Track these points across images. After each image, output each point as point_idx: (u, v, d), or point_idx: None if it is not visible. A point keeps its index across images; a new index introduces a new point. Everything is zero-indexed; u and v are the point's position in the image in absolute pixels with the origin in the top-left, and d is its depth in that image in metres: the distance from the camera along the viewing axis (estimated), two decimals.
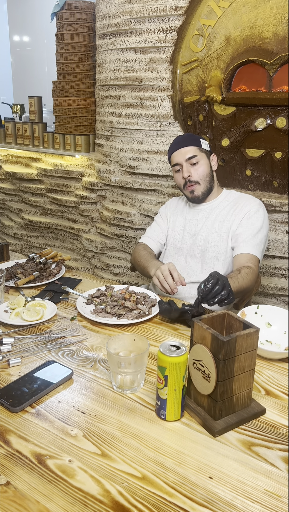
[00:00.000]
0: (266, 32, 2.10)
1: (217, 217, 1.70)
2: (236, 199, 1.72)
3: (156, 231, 1.86)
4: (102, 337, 1.22)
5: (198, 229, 1.73)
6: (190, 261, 1.71)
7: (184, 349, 0.88)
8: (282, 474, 0.78)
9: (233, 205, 1.70)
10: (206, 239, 1.69)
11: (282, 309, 1.26)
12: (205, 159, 1.70)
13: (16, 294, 1.49)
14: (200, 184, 1.69)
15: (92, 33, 3.12)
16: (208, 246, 1.67)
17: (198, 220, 1.74)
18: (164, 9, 2.36)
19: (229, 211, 1.69)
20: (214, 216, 1.71)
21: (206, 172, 1.69)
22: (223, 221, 1.68)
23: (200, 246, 1.69)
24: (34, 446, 0.82)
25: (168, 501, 0.71)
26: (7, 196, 3.86)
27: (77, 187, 3.30)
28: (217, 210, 1.72)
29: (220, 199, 1.75)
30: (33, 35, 6.08)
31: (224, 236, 1.66)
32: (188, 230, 1.76)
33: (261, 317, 1.26)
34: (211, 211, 1.74)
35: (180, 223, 1.79)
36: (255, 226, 1.62)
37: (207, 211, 1.75)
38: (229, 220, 1.67)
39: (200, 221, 1.74)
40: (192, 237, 1.73)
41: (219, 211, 1.71)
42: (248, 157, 2.29)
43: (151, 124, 2.60)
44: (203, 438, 0.86)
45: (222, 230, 1.67)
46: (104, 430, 0.87)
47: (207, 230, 1.70)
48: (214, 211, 1.73)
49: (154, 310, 1.36)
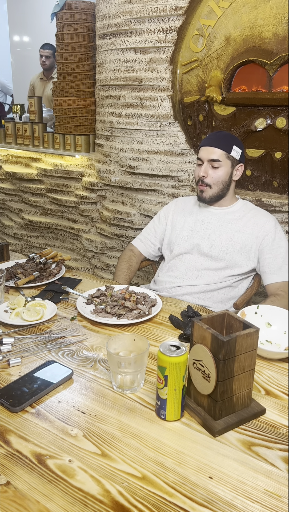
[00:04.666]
0: (266, 32, 2.10)
1: (232, 226, 1.66)
2: (254, 213, 1.69)
3: (149, 235, 1.85)
4: (102, 337, 1.22)
5: (208, 232, 1.69)
6: (199, 262, 1.68)
7: (184, 349, 0.88)
8: (282, 474, 0.78)
9: (251, 217, 1.67)
10: (220, 247, 1.65)
11: (282, 309, 1.26)
12: (228, 167, 1.64)
13: (16, 294, 1.49)
14: (211, 188, 1.65)
15: (92, 33, 3.12)
16: (221, 254, 1.64)
17: (210, 223, 1.70)
18: (164, 9, 2.36)
19: (246, 224, 1.66)
20: (228, 223, 1.67)
21: (223, 179, 1.64)
22: (238, 231, 1.65)
23: (213, 251, 1.66)
24: (34, 446, 0.82)
25: (168, 501, 0.71)
26: (7, 196, 3.86)
27: (77, 187, 3.30)
28: (232, 218, 1.68)
29: (235, 208, 1.71)
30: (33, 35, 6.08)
31: (237, 247, 1.63)
32: (198, 231, 1.71)
33: (261, 317, 1.26)
34: (224, 216, 1.70)
35: (189, 224, 1.74)
36: (283, 249, 1.62)
37: (220, 216, 1.70)
38: (245, 233, 1.64)
39: (211, 224, 1.70)
40: (201, 239, 1.69)
41: (235, 220, 1.67)
42: (248, 157, 2.29)
43: (151, 124, 2.60)
44: (203, 438, 0.86)
45: (237, 241, 1.64)
46: (104, 430, 0.87)
47: (220, 236, 1.66)
48: (228, 217, 1.69)
49: (154, 310, 1.36)
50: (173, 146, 2.57)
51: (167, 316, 1.35)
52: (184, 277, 1.69)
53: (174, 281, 1.69)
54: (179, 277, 1.69)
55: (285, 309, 1.25)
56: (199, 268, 1.68)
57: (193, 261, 1.69)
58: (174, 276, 1.71)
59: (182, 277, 1.69)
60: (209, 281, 1.65)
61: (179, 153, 2.56)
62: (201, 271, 1.67)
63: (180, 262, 1.72)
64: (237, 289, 1.69)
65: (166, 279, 1.73)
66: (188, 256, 1.71)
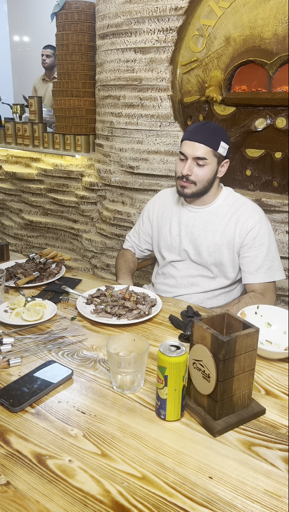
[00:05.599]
0: (266, 32, 2.10)
1: (216, 227, 1.59)
2: (237, 206, 1.60)
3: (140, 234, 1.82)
4: (102, 337, 1.22)
5: (194, 237, 1.62)
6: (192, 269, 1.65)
7: (184, 349, 0.88)
8: (282, 474, 0.78)
9: (233, 213, 1.58)
10: (208, 251, 1.60)
11: (282, 309, 1.26)
12: (214, 164, 1.55)
13: (16, 294, 1.49)
14: (196, 185, 1.56)
15: (92, 33, 3.12)
16: (210, 259, 1.60)
17: (194, 226, 1.63)
18: (164, 9, 2.36)
19: (229, 221, 1.58)
20: (212, 225, 1.60)
21: (208, 177, 1.55)
22: (223, 232, 1.58)
23: (202, 257, 1.61)
24: (34, 446, 0.82)
25: (168, 501, 0.71)
26: (7, 196, 3.86)
27: (77, 187, 3.30)
28: (216, 218, 1.60)
29: (219, 203, 1.62)
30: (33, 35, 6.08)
31: (225, 248, 1.58)
32: (184, 236, 1.65)
33: (261, 317, 1.26)
34: (207, 217, 1.62)
35: (175, 229, 1.67)
36: (265, 247, 1.55)
37: (204, 216, 1.63)
38: (229, 232, 1.57)
39: (196, 228, 1.63)
40: (189, 244, 1.64)
41: (219, 220, 1.60)
42: (248, 157, 2.29)
43: (151, 124, 2.60)
44: (203, 438, 0.86)
45: (222, 243, 1.58)
46: (104, 430, 0.87)
47: (206, 240, 1.60)
48: (211, 218, 1.61)
49: (154, 310, 1.36)
50: (173, 146, 2.57)
51: (167, 316, 1.35)
52: (180, 286, 1.66)
53: (171, 291, 1.67)
54: (175, 286, 1.67)
55: (285, 309, 1.25)
56: (193, 275, 1.65)
57: (186, 268, 1.66)
58: (170, 285, 1.68)
59: (178, 286, 1.67)
60: (206, 288, 1.63)
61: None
62: (195, 278, 1.65)
63: (174, 269, 1.69)
64: (236, 291, 1.68)
65: (163, 287, 1.71)
66: (180, 264, 1.67)
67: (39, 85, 4.90)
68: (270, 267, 1.55)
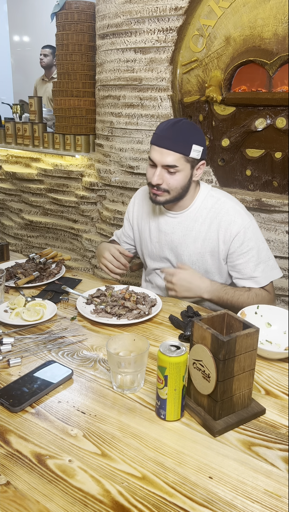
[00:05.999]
0: (266, 32, 2.10)
1: (197, 234, 1.50)
2: (216, 210, 1.48)
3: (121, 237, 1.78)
4: (102, 337, 1.22)
5: (174, 245, 1.54)
6: None
7: (184, 349, 0.88)
8: (282, 474, 0.78)
9: (213, 217, 1.48)
10: (190, 260, 1.52)
11: (282, 309, 1.26)
12: (188, 170, 1.42)
13: (16, 294, 1.49)
14: (169, 193, 1.44)
15: (92, 33, 3.12)
16: (193, 268, 1.50)
17: (173, 234, 1.54)
18: (164, 9, 2.36)
19: (210, 227, 1.48)
20: (192, 231, 1.51)
21: (182, 184, 1.43)
22: (204, 240, 1.49)
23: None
24: (34, 446, 0.82)
25: (168, 501, 0.71)
26: (7, 196, 3.86)
27: (77, 187, 3.30)
28: (195, 224, 1.50)
29: (196, 206, 1.51)
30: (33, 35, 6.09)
31: (208, 256, 1.50)
32: (164, 244, 1.57)
33: (261, 317, 1.26)
34: (186, 223, 1.52)
35: (155, 235, 1.59)
36: (255, 250, 1.45)
37: (182, 222, 1.52)
38: (211, 239, 1.48)
39: (175, 235, 1.53)
40: (170, 252, 1.57)
41: (199, 226, 1.49)
42: (248, 157, 2.29)
43: (151, 124, 2.60)
44: (203, 438, 0.86)
45: (205, 250, 1.50)
46: (104, 430, 0.87)
47: (187, 249, 1.52)
48: (190, 224, 1.51)
49: (154, 310, 1.36)
50: None
51: (167, 316, 1.35)
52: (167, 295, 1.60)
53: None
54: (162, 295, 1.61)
55: (285, 309, 1.25)
56: None
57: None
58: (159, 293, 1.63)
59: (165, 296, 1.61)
60: None
61: None
62: None
63: (158, 278, 1.64)
64: None
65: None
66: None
67: (39, 84, 4.92)
68: (264, 270, 1.47)
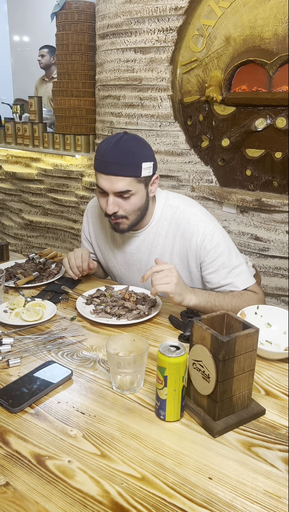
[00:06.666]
0: (266, 32, 2.10)
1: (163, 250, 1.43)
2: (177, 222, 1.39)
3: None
4: (102, 338, 1.22)
5: (143, 263, 1.49)
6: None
7: (183, 350, 0.88)
8: (282, 474, 0.77)
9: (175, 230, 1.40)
10: None
11: (282, 309, 1.25)
12: (142, 190, 1.32)
13: (16, 294, 1.49)
14: (128, 218, 1.34)
15: (92, 33, 3.12)
16: None
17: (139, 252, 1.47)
18: (164, 9, 2.36)
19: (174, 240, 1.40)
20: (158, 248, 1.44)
21: (139, 205, 1.33)
22: (172, 254, 1.43)
23: None
24: (33, 447, 0.82)
25: (168, 502, 0.71)
26: (7, 196, 3.86)
27: (77, 187, 3.30)
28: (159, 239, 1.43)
29: (156, 219, 1.43)
30: (33, 35, 6.08)
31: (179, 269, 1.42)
32: (131, 265, 1.51)
33: (261, 317, 1.26)
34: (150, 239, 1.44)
35: (120, 257, 1.52)
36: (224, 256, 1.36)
37: (146, 240, 1.45)
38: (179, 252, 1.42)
39: (143, 254, 1.47)
40: (138, 272, 1.51)
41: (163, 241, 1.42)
42: (248, 157, 2.29)
43: (151, 124, 2.60)
44: (203, 438, 0.86)
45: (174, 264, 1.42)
46: (104, 430, 0.87)
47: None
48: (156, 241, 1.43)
49: (154, 310, 1.36)
50: (173, 146, 2.57)
51: (167, 317, 1.35)
52: None
53: None
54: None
55: (285, 309, 1.25)
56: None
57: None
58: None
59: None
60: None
61: (179, 153, 2.56)
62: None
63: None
64: None
65: None
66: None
67: (39, 84, 4.93)
68: (238, 274, 1.38)
